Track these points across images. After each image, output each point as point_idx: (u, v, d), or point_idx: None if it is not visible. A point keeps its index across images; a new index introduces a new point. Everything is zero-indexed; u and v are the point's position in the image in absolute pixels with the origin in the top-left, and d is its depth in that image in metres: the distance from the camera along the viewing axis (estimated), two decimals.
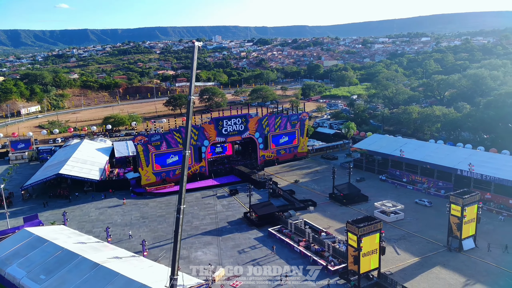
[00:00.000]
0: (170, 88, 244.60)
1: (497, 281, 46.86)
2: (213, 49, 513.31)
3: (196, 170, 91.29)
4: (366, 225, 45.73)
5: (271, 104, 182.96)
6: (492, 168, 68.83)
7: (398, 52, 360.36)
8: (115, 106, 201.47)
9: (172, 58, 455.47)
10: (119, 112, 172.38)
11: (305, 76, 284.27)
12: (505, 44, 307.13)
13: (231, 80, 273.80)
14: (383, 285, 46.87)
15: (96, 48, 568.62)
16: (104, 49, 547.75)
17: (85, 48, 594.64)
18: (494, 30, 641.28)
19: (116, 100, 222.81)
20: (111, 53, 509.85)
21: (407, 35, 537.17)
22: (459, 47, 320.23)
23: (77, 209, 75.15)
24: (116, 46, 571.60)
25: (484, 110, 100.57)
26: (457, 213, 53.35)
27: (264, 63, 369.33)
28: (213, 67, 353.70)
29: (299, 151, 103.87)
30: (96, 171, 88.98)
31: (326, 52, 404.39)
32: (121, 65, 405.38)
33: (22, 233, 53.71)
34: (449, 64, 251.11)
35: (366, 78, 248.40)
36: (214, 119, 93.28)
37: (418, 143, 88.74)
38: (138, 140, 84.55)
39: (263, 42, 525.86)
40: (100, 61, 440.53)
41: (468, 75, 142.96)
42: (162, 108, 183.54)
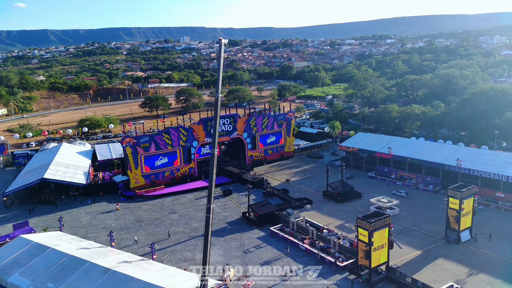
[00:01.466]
0: (143, 90, 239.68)
1: (499, 270, 49.05)
2: (182, 50, 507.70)
3: (185, 172, 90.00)
4: (376, 220, 46.64)
5: (248, 105, 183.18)
6: (479, 162, 72.02)
7: (366, 54, 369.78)
8: (87, 109, 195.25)
9: (140, 59, 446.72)
10: (92, 114, 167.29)
11: (278, 77, 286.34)
12: (466, 46, 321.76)
13: (204, 81, 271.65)
14: (393, 278, 47.95)
15: (58, 49, 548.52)
16: (67, 50, 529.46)
17: (47, 49, 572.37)
18: (453, 32, 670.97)
19: (87, 102, 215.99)
20: (75, 54, 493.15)
21: (372, 37, 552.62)
22: (424, 49, 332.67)
23: (66, 215, 72.15)
24: (80, 47, 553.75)
25: (461, 108, 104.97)
26: (455, 206, 55.39)
27: (235, 64, 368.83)
28: (183, 68, 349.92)
29: (286, 151, 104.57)
30: (81, 175, 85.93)
31: (296, 54, 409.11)
32: (87, 66, 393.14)
33: (18, 241, 51.03)
34: (416, 65, 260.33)
35: (338, 78, 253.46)
36: (203, 119, 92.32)
37: (404, 140, 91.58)
38: (127, 142, 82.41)
39: (232, 43, 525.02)
40: (64, 63, 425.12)
41: (440, 74, 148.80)
42: (137, 110, 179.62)
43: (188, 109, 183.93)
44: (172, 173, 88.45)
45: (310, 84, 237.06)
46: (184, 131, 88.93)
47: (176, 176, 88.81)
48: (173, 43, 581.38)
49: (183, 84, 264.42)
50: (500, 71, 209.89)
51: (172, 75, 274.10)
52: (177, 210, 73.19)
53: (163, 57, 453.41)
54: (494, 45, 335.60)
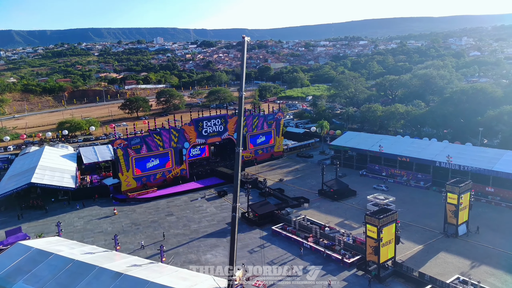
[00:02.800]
0: (120, 91, 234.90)
1: (499, 261, 50.87)
2: (156, 51, 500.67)
3: (177, 174, 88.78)
4: (385, 216, 47.49)
5: (229, 106, 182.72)
6: (468, 159, 74.52)
7: (341, 55, 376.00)
8: (63, 111, 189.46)
9: (113, 60, 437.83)
10: (70, 116, 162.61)
11: (256, 78, 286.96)
12: (437, 47, 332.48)
13: (182, 82, 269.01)
14: (401, 272, 48.93)
15: (26, 50, 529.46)
16: (35, 51, 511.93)
17: (14, 50, 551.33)
18: (421, 34, 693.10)
19: (62, 104, 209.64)
20: (44, 56, 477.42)
21: (345, 38, 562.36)
22: (397, 50, 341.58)
23: (59, 220, 69.63)
24: (49, 48, 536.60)
25: (443, 107, 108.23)
26: (454, 201, 57.09)
27: (211, 65, 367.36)
28: (158, 69, 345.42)
29: (276, 151, 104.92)
30: (69, 178, 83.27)
31: (272, 55, 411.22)
32: (58, 67, 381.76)
33: (17, 247, 48.85)
34: (390, 66, 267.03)
35: (316, 79, 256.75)
36: (194, 120, 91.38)
37: (393, 138, 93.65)
38: (118, 144, 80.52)
39: (208, 44, 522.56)
40: (33, 64, 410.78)
41: (419, 74, 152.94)
42: (117, 112, 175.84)
43: (169, 110, 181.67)
44: (163, 175, 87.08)
45: (289, 85, 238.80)
46: (175, 132, 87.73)
47: (167, 178, 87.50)
48: (146, 44, 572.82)
49: (161, 85, 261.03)
50: (472, 71, 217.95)
51: (149, 76, 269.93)
52: (174, 212, 72.07)
53: (136, 58, 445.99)
54: (462, 47, 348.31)
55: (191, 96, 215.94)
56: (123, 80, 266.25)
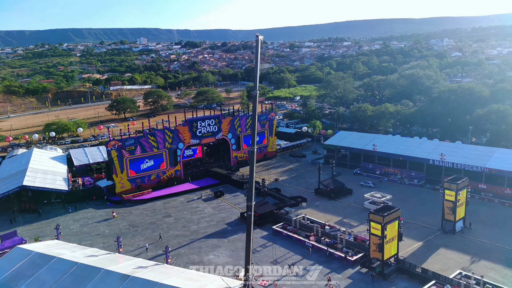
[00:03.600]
0: (105, 92, 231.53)
1: (498, 256, 52.08)
2: (140, 52, 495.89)
3: (171, 175, 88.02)
4: (389, 214, 48.08)
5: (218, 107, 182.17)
6: (460, 156, 76.09)
7: (325, 56, 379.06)
8: (48, 112, 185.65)
9: (95, 61, 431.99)
10: (55, 118, 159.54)
11: (243, 78, 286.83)
12: (420, 48, 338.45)
13: (168, 83, 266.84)
14: (404, 268, 49.60)
15: (5, 51, 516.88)
16: (15, 52, 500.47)
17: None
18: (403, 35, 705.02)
19: (46, 106, 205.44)
20: (24, 56, 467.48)
21: (329, 39, 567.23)
22: (381, 51, 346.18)
23: (53, 223, 67.96)
24: (29, 49, 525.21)
25: (432, 106, 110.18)
26: (451, 198, 58.19)
27: (197, 66, 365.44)
28: (143, 70, 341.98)
29: (269, 151, 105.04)
30: (61, 181, 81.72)
31: None
32: (39, 69, 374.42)
33: (17, 251, 47.64)
34: (375, 66, 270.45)
35: (303, 80, 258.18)
36: (188, 120, 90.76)
37: (386, 137, 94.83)
38: (112, 145, 79.33)
39: (192, 45, 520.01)
40: (13, 65, 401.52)
41: (406, 75, 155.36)
42: (104, 113, 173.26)
43: (157, 111, 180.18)
44: (158, 176, 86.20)
45: (276, 86, 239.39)
46: (169, 133, 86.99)
47: (162, 179, 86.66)
48: (130, 44, 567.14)
49: (147, 86, 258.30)
50: (455, 71, 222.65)
51: (135, 77, 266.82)
52: (171, 214, 71.44)
53: (120, 59, 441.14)
54: (444, 47, 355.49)
55: (179, 96, 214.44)
56: (108, 81, 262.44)
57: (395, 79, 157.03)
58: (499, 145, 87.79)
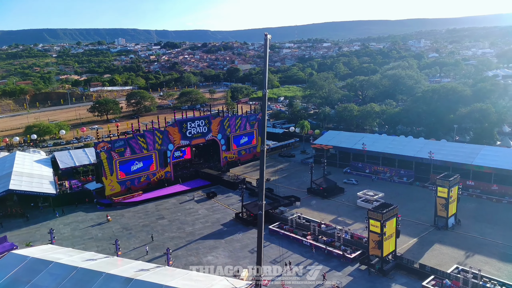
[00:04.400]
0: (85, 93, 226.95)
1: (490, 250, 53.57)
2: (118, 52, 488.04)
3: (161, 176, 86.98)
4: (388, 211, 48.80)
5: (202, 107, 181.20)
6: (448, 154, 77.93)
7: (306, 57, 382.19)
8: (26, 115, 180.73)
9: (72, 62, 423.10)
10: (35, 120, 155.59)
11: (226, 79, 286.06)
12: (398, 49, 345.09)
13: (149, 84, 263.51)
14: (402, 264, 50.43)
15: None
16: None
17: None
18: (380, 36, 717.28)
19: (24, 107, 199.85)
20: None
21: (308, 40, 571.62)
22: (360, 52, 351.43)
23: (42, 227, 66.59)
24: (3, 49, 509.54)
25: (417, 105, 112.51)
26: (444, 194, 59.47)
27: (178, 66, 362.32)
28: (122, 71, 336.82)
29: (258, 151, 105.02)
30: (48, 184, 79.75)
31: (238, 56, 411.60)
32: (13, 70, 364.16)
33: (10, 257, 46.12)
34: (355, 67, 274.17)
35: (285, 80, 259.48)
36: (178, 121, 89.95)
37: (374, 136, 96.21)
38: (101, 147, 77.81)
39: (172, 45, 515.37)
40: None
41: (388, 75, 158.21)
42: (86, 115, 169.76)
43: (140, 113, 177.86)
44: (148, 178, 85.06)
45: (259, 86, 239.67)
46: (159, 134, 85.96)
47: (152, 181, 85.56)
48: (107, 45, 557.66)
49: (127, 87, 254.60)
50: (433, 72, 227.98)
51: (115, 78, 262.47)
52: (164, 216, 70.58)
53: (98, 60, 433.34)
54: (421, 48, 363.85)
55: (162, 97, 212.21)
56: (87, 82, 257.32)
57: (378, 80, 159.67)
58: (482, 143, 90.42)
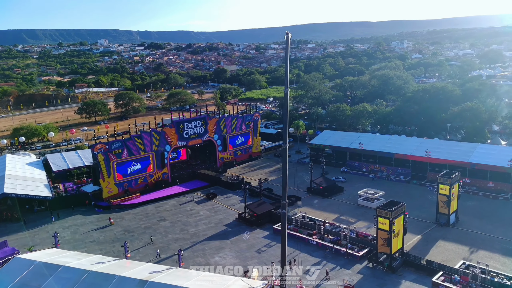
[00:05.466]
0: (71, 95, 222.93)
1: (493, 245, 54.79)
2: (101, 53, 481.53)
3: (158, 178, 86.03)
4: (396, 209, 49.38)
5: (191, 108, 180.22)
6: (444, 152, 79.41)
7: (292, 58, 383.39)
8: (11, 117, 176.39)
9: (54, 63, 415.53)
10: (20, 123, 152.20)
11: (213, 80, 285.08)
12: (382, 50, 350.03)
13: (136, 85, 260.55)
14: (409, 261, 51.09)
15: None
16: None
17: None
18: (363, 38, 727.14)
19: (8, 110, 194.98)
20: None
21: (293, 41, 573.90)
22: (345, 53, 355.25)
23: (41, 231, 65.09)
24: None
25: (409, 105, 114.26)
26: (445, 191, 60.56)
27: (163, 67, 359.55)
28: (106, 72, 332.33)
29: (254, 151, 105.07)
30: (43, 187, 77.94)
31: (224, 58, 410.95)
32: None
33: (16, 262, 44.92)
34: (342, 68, 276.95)
35: (273, 81, 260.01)
36: (175, 122, 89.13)
37: (370, 135, 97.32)
38: (98, 149, 76.47)
39: (156, 46, 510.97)
40: None
41: (378, 75, 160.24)
42: (73, 116, 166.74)
43: (129, 114, 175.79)
44: (145, 180, 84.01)
45: (247, 87, 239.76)
46: (156, 135, 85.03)
47: (149, 183, 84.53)
48: (90, 46, 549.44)
49: (113, 88, 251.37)
50: (418, 72, 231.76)
51: (101, 79, 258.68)
52: (166, 217, 69.82)
53: (80, 61, 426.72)
54: (405, 49, 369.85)
55: (149, 99, 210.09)
56: (72, 83, 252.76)
57: (367, 80, 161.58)
58: (473, 141, 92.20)
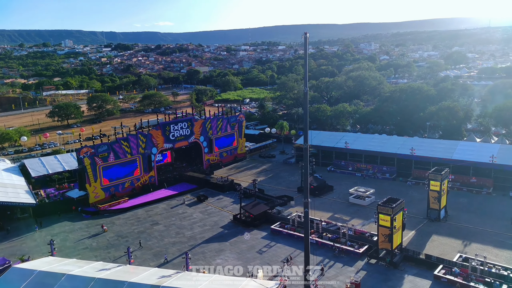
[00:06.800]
0: (38, 98, 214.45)
1: (484, 238, 57.05)
2: (66, 55, 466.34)
3: (145, 181, 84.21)
4: (397, 205, 50.64)
5: (167, 110, 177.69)
6: (428, 150, 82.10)
7: (263, 59, 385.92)
8: None
9: (16, 65, 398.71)
10: None
11: (186, 82, 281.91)
12: (352, 51, 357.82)
13: (106, 87, 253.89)
14: (409, 256, 52.44)
15: None
16: None
17: None
18: (330, 40, 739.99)
19: None
20: None
21: (263, 43, 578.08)
22: (316, 54, 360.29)
23: (28, 240, 62.30)
24: None
25: (387, 105, 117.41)
26: (436, 187, 62.53)
27: (132, 69, 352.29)
28: (73, 74, 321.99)
29: (239, 152, 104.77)
30: (25, 194, 74.63)
31: (195, 59, 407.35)
32: None
33: (13, 272, 42.81)
34: (314, 69, 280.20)
35: (247, 83, 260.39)
36: (161, 124, 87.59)
37: (355, 135, 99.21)
38: (84, 153, 74.00)
39: (124, 47, 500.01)
40: None
41: (353, 76, 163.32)
42: (44, 120, 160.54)
43: (103, 117, 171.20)
44: (132, 184, 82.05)
45: (222, 89, 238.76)
46: (142, 138, 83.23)
47: (136, 187, 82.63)
48: (54, 47, 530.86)
49: (83, 90, 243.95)
50: (389, 73, 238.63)
51: (69, 81, 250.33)
52: (159, 221, 68.41)
53: (45, 62, 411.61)
54: (373, 51, 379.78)
55: (123, 101, 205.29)
56: (39, 86, 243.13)
57: (343, 81, 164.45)
58: (451, 139, 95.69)
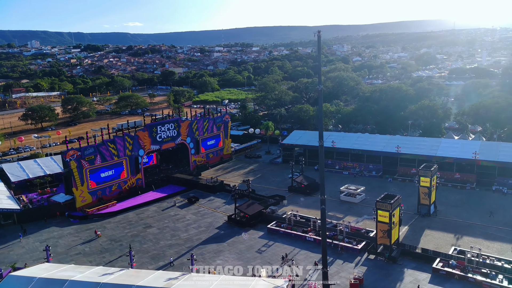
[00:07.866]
0: (8, 100, 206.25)
1: (474, 231, 59.17)
2: (33, 56, 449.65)
3: (132, 184, 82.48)
4: (395, 201, 51.79)
5: (145, 112, 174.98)
6: (412, 147, 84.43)
7: (238, 60, 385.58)
8: None
9: None
10: None
11: (161, 83, 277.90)
12: (325, 53, 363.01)
13: (78, 89, 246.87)
14: (406, 250, 53.68)
15: None
16: None
17: None
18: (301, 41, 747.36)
19: None
20: None
21: (236, 45, 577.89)
22: (291, 56, 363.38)
23: (15, 247, 59.83)
24: None
25: (369, 105, 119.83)
26: (426, 184, 64.36)
27: (104, 70, 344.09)
28: (41, 76, 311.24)
29: (225, 153, 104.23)
30: (7, 199, 71.73)
31: (168, 60, 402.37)
32: None
33: (11, 280, 41.09)
34: (290, 71, 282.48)
35: (224, 84, 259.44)
36: (148, 125, 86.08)
37: (340, 134, 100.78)
38: (70, 155, 71.70)
39: (94, 48, 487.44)
40: None
41: (332, 77, 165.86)
42: (16, 123, 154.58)
43: (78, 119, 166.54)
44: (119, 187, 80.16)
45: (199, 90, 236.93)
46: (129, 139, 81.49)
47: (124, 189, 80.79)
48: (19, 48, 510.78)
49: (55, 92, 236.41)
50: (363, 74, 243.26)
51: (40, 83, 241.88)
52: (151, 224, 67.18)
53: (10, 64, 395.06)
54: (346, 53, 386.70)
55: (98, 103, 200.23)
56: (8, 88, 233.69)
57: (322, 81, 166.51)
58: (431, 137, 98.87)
